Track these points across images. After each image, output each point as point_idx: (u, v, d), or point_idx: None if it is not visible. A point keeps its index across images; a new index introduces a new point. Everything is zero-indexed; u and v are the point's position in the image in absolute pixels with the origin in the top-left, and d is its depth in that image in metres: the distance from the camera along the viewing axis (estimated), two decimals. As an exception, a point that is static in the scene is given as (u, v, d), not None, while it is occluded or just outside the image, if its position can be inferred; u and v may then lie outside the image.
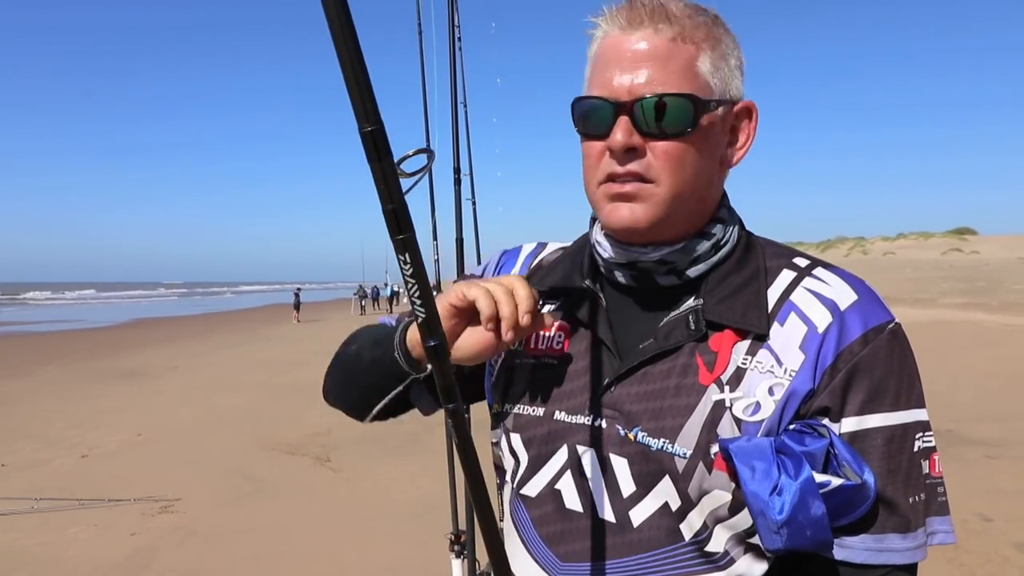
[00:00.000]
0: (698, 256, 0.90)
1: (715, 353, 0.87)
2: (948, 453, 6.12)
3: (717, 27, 0.89)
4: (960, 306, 20.69)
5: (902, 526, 0.82)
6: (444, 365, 0.67)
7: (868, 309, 0.86)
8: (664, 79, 0.84)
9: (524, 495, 0.96)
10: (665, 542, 0.86)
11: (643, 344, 0.90)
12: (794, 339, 0.85)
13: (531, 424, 0.96)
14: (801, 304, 0.87)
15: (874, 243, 57.92)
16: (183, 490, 6.12)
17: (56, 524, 5.44)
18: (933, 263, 37.64)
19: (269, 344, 19.75)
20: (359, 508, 5.51)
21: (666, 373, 0.88)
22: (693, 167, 0.87)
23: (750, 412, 0.84)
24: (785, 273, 0.91)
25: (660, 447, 0.85)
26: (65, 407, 10.19)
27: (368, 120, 0.59)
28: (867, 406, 0.83)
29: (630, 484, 0.88)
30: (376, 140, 0.59)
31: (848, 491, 0.79)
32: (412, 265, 0.64)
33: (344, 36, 0.57)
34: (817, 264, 0.92)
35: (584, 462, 0.91)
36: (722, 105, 0.88)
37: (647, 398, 0.88)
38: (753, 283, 0.90)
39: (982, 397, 8.76)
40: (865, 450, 0.82)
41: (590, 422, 0.91)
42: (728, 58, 0.89)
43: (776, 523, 0.78)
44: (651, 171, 0.86)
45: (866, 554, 0.82)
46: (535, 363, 0.98)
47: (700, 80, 0.86)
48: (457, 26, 2.83)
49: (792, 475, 0.78)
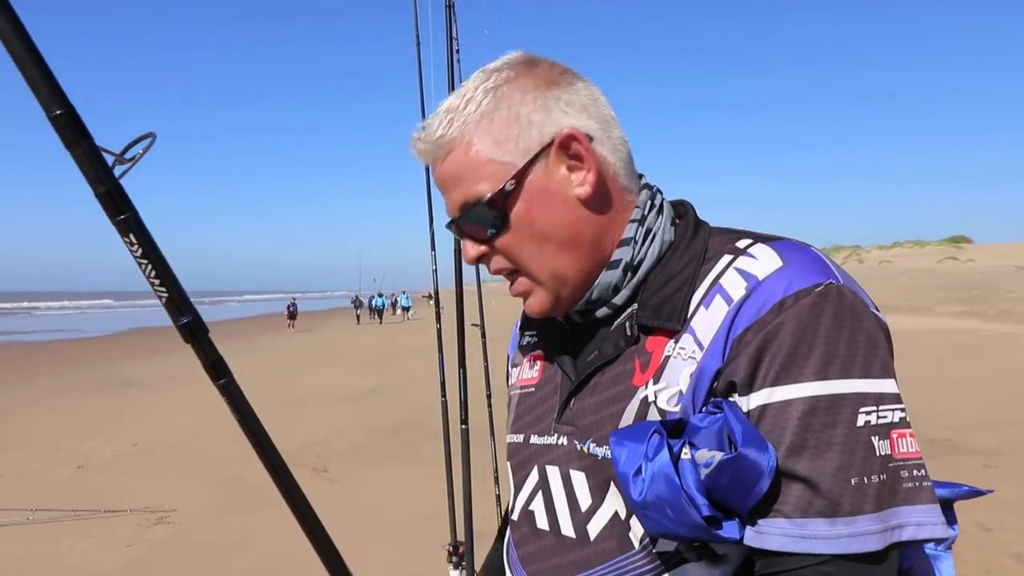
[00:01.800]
0: (616, 285, 0.91)
1: (650, 353, 0.86)
2: (945, 462, 6.13)
3: (497, 92, 0.88)
4: (956, 314, 20.73)
5: (828, 509, 0.72)
6: (203, 342, 0.68)
7: (793, 274, 0.79)
8: (463, 190, 0.89)
9: (511, 519, 1.02)
10: (617, 552, 0.85)
11: (590, 358, 0.93)
12: (715, 320, 0.81)
13: (515, 451, 1.02)
14: (726, 284, 0.83)
15: (870, 252, 58.10)
16: (179, 500, 6.10)
17: (52, 535, 5.41)
18: (929, 271, 37.73)
19: (266, 354, 19.70)
20: (357, 518, 5.49)
21: (610, 382, 0.89)
22: (537, 241, 0.89)
23: (674, 402, 0.81)
24: (723, 259, 0.86)
25: (603, 454, 0.86)
26: (61, 417, 10.16)
27: (56, 104, 0.57)
28: (781, 376, 0.75)
29: (587, 497, 0.89)
30: (68, 123, 0.58)
31: (730, 466, 0.72)
32: (140, 245, 0.64)
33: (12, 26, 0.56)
34: (758, 241, 0.85)
35: (551, 481, 0.94)
36: (532, 164, 0.87)
37: (596, 409, 0.89)
38: (681, 277, 0.87)
39: (979, 406, 8.75)
40: (776, 425, 0.75)
41: (555, 440, 0.94)
42: (517, 115, 0.87)
43: (638, 505, 0.77)
44: (509, 264, 0.92)
45: (783, 540, 0.73)
46: (521, 393, 1.05)
47: (491, 167, 0.87)
48: (455, 37, 2.85)
49: (651, 457, 0.76)
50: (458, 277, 2.80)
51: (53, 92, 0.57)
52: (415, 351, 17.40)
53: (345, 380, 13.48)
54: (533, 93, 0.88)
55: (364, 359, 17.51)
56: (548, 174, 0.88)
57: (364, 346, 22.00)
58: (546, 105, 0.88)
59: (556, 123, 0.87)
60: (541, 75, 0.89)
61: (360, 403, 10.84)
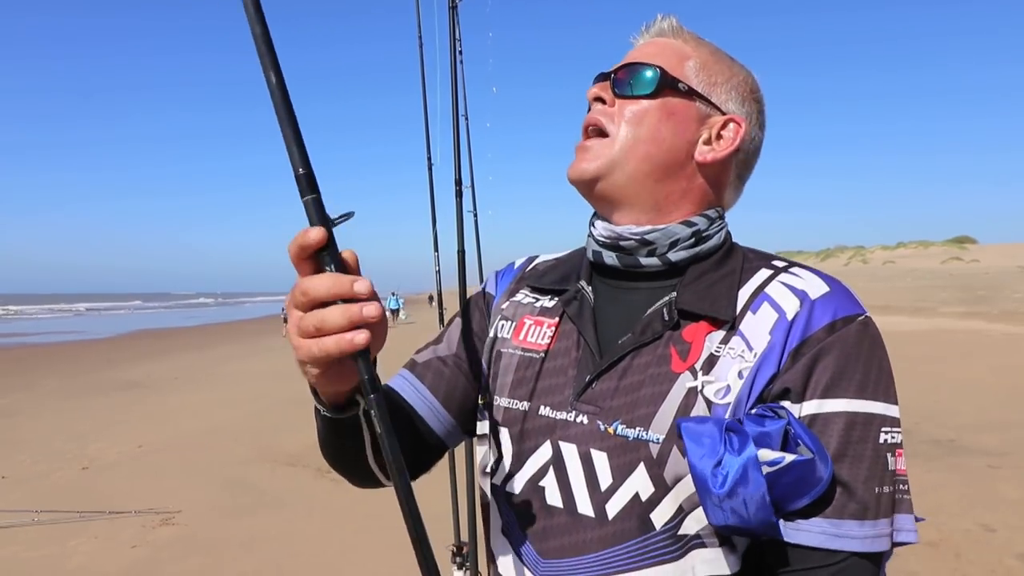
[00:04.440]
0: (677, 240, 0.96)
1: (688, 343, 0.90)
2: (950, 463, 6.13)
3: (723, 59, 1.02)
4: (960, 315, 20.69)
5: (860, 512, 0.82)
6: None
7: (839, 301, 0.89)
8: (651, 55, 0.99)
9: (508, 492, 0.98)
10: (638, 532, 0.87)
11: (622, 340, 0.94)
12: (764, 325, 0.88)
13: (515, 419, 0.98)
14: (774, 294, 0.91)
15: (874, 252, 57.97)
16: (184, 502, 6.11)
17: (57, 536, 5.42)
18: (933, 272, 37.65)
19: (269, 355, 19.73)
20: (361, 519, 5.49)
21: (643, 366, 0.91)
22: (650, 130, 0.96)
23: (721, 395, 0.86)
24: (763, 272, 0.95)
25: (636, 436, 0.88)
26: (66, 419, 10.18)
27: (303, 165, 0.69)
28: (829, 390, 0.84)
29: (608, 477, 0.90)
30: (308, 181, 0.69)
31: (800, 468, 0.79)
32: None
33: (282, 98, 0.68)
34: (794, 264, 0.97)
35: (566, 458, 0.93)
36: (698, 99, 0.98)
37: (625, 392, 0.91)
38: (728, 279, 0.94)
39: (984, 406, 8.73)
40: (824, 433, 0.83)
41: (572, 418, 0.93)
42: (717, 76, 1.00)
43: (718, 496, 0.80)
44: (610, 125, 0.97)
45: (821, 537, 0.82)
46: (522, 356, 1.01)
47: (682, 71, 0.98)
48: (458, 39, 2.85)
49: (736, 451, 0.80)
50: (461, 278, 2.80)
51: (301, 155, 0.69)
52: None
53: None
54: (738, 81, 1.01)
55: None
56: (700, 122, 0.98)
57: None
58: (743, 96, 1.01)
59: (732, 108, 0.99)
60: (753, 85, 1.03)
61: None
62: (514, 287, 1.11)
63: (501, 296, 1.12)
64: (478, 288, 1.21)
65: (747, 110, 1.00)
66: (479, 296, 1.16)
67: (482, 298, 1.15)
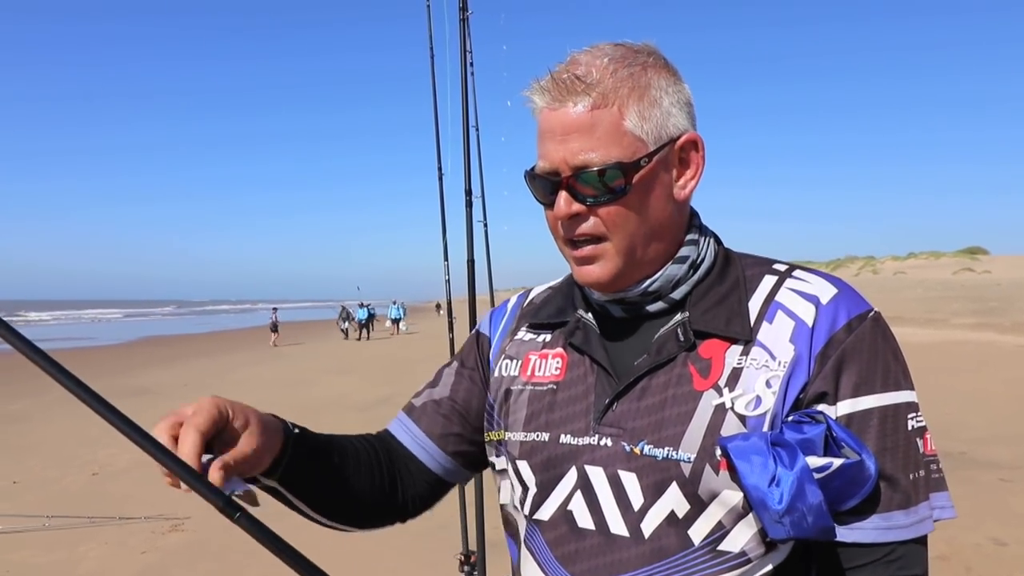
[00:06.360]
0: (679, 279, 0.97)
1: (707, 359, 0.91)
2: (961, 476, 6.06)
3: (647, 72, 0.92)
4: (972, 326, 20.54)
5: (904, 502, 0.85)
6: None
7: (849, 300, 0.92)
8: (592, 146, 0.90)
9: (537, 519, 0.98)
10: (678, 548, 0.88)
11: (637, 361, 0.95)
12: (784, 334, 0.90)
13: (536, 449, 0.98)
14: (786, 302, 0.93)
15: (884, 262, 57.62)
16: (193, 508, 6.12)
17: (67, 542, 5.46)
18: (944, 283, 37.41)
19: (278, 363, 19.79)
20: (368, 528, 5.49)
21: (663, 386, 0.92)
22: (638, 219, 0.93)
23: (752, 407, 0.87)
24: (767, 279, 0.97)
25: (665, 456, 0.89)
26: (76, 425, 10.24)
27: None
28: (860, 388, 0.87)
29: (639, 497, 0.90)
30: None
31: (850, 470, 0.82)
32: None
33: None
34: (795, 267, 0.99)
35: (593, 481, 0.93)
36: (660, 151, 0.92)
37: (648, 412, 0.91)
38: (734, 293, 0.95)
39: (995, 419, 8.66)
40: (862, 431, 0.86)
41: (596, 442, 0.93)
42: (660, 101, 0.92)
43: (777, 513, 0.81)
44: (600, 230, 0.93)
45: (874, 533, 0.85)
46: (534, 390, 1.02)
47: (628, 138, 0.91)
48: (469, 51, 2.88)
49: (788, 465, 0.81)
50: (471, 286, 2.82)
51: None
52: (426, 360, 17.41)
53: (354, 389, 13.52)
54: (675, 87, 0.95)
55: (374, 369, 17.55)
56: (665, 165, 0.94)
57: (372, 356, 22.05)
58: (680, 102, 0.95)
59: (682, 124, 0.95)
60: (673, 71, 0.96)
61: (370, 412, 10.87)
62: (515, 326, 1.12)
63: (504, 336, 1.13)
64: (485, 296, 1.23)
65: (685, 113, 0.95)
66: (473, 338, 1.19)
67: (475, 340, 1.18)
